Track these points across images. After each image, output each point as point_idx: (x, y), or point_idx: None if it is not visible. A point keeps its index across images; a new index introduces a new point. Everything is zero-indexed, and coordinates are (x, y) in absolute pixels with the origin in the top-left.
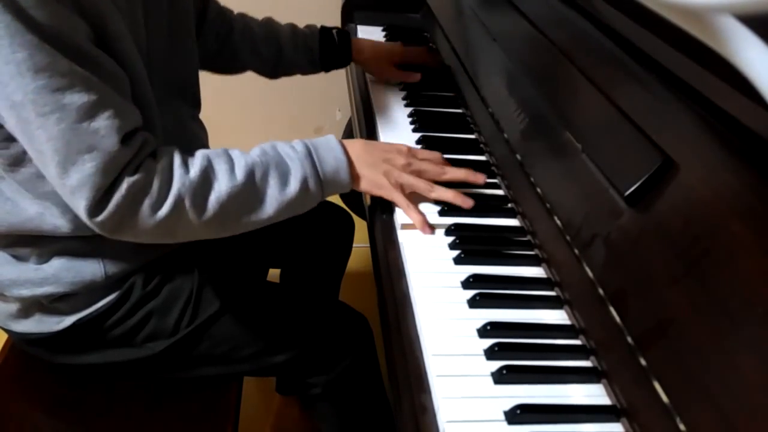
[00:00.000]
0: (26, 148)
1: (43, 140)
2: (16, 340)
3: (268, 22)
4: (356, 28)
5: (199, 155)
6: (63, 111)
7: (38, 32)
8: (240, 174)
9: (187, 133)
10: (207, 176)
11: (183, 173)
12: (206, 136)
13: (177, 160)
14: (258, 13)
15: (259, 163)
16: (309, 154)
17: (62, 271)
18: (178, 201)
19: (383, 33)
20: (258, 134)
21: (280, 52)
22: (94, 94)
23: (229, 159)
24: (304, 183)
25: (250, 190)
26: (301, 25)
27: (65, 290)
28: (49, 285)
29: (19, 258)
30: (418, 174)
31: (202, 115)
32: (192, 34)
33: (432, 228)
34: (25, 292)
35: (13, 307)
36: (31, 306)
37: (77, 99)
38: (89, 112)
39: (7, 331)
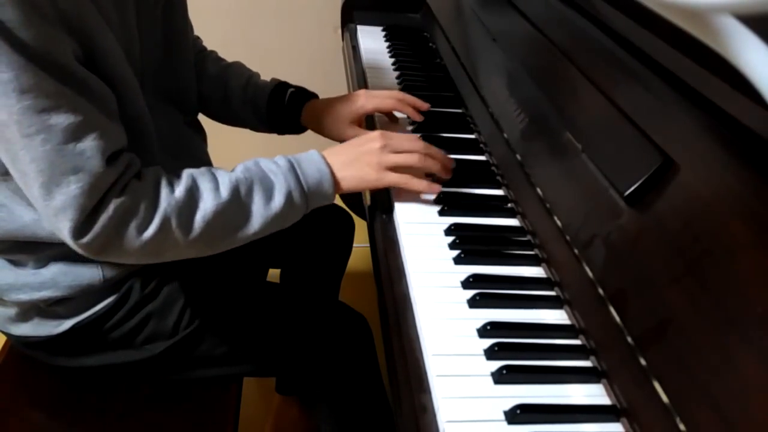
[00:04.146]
0: (8, 167)
1: (26, 161)
2: (15, 343)
3: (229, 67)
4: (356, 28)
5: (184, 175)
6: (49, 132)
7: (25, 53)
8: (225, 192)
9: (183, 137)
10: (192, 195)
11: (168, 193)
12: (205, 139)
13: (162, 180)
14: (260, 14)
15: (243, 180)
16: (292, 167)
17: (60, 276)
18: (165, 221)
19: (383, 33)
20: (258, 135)
21: (227, 100)
22: (80, 115)
23: (214, 178)
24: (289, 196)
25: (236, 207)
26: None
27: (63, 294)
28: (47, 289)
29: (16, 263)
30: (399, 151)
31: (201, 116)
32: (188, 38)
33: (438, 185)
34: (24, 296)
35: (12, 311)
36: (29, 310)
37: (63, 120)
38: (75, 134)
39: (6, 334)
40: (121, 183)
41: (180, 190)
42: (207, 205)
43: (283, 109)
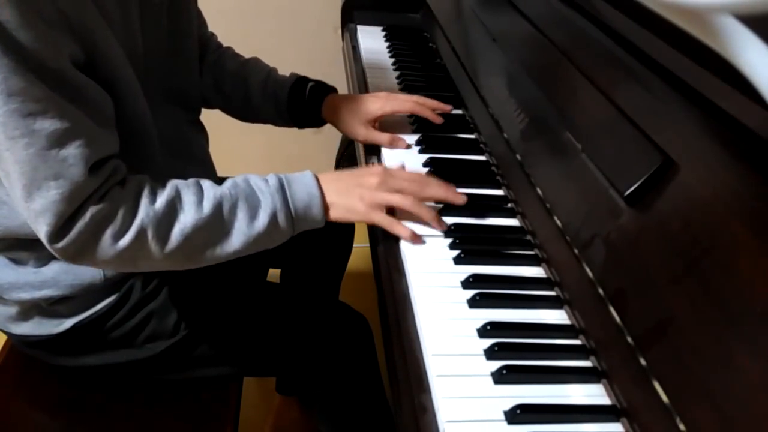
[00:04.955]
0: None
1: (10, 162)
2: (16, 342)
3: (248, 62)
4: (356, 28)
5: (168, 185)
6: (32, 136)
7: (17, 55)
8: (207, 206)
9: (185, 137)
10: (173, 207)
11: (148, 203)
12: (207, 139)
13: (145, 189)
14: (260, 14)
15: (228, 196)
16: (281, 187)
17: (61, 274)
18: (141, 231)
19: (383, 33)
20: (258, 135)
21: (248, 96)
22: (66, 122)
23: (198, 190)
24: (274, 217)
25: (217, 223)
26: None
27: (64, 293)
28: (48, 288)
29: (17, 262)
30: (396, 192)
31: (202, 117)
32: (192, 37)
33: (421, 238)
34: (25, 295)
35: (13, 309)
36: (30, 309)
37: (48, 125)
38: (59, 140)
39: (6, 333)
40: (102, 190)
41: (161, 201)
42: (186, 218)
43: (304, 103)
